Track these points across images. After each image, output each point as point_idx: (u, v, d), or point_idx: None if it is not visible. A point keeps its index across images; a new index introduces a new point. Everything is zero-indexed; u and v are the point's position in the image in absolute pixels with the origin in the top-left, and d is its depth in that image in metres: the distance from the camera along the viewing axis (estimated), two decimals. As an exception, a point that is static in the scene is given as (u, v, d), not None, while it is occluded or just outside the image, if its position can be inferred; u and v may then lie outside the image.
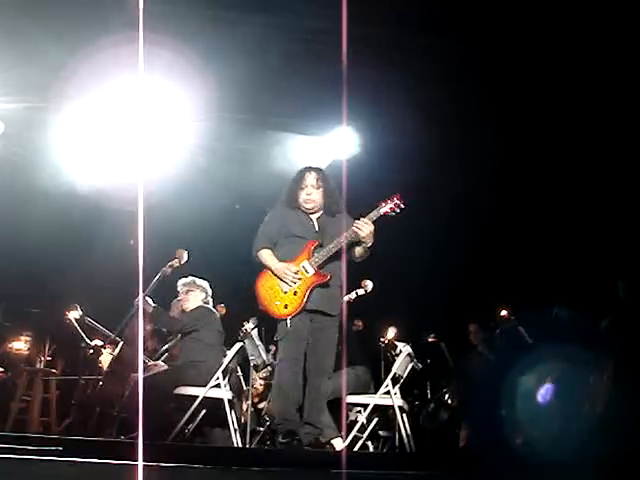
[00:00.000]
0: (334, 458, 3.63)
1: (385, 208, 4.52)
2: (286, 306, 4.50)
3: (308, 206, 4.67)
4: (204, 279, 6.31)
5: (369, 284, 6.34)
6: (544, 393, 5.35)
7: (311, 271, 4.51)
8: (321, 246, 4.58)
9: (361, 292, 6.32)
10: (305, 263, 4.53)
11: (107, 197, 7.00)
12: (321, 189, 4.67)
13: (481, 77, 6.29)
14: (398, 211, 4.54)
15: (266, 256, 4.61)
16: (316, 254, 4.54)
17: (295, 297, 4.50)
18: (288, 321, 4.48)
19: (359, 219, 4.53)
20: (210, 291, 6.27)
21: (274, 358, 5.73)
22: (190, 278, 6.27)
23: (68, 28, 5.65)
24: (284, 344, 4.54)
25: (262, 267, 4.65)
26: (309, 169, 4.76)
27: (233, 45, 5.81)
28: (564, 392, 5.15)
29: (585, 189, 7.08)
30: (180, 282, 6.25)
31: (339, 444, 5.12)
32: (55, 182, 7.22)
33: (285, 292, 4.52)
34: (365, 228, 4.44)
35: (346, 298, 5.94)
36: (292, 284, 4.50)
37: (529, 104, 6.49)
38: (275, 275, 4.55)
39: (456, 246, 7.62)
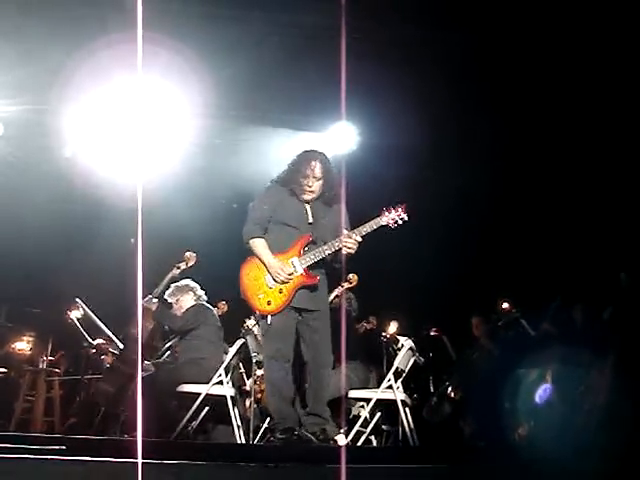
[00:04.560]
0: (337, 453, 3.64)
1: (387, 219, 4.42)
2: (269, 302, 4.37)
3: (307, 197, 4.53)
4: (187, 278, 6.32)
5: (354, 278, 6.28)
6: (545, 386, 5.35)
7: (300, 270, 4.39)
8: (314, 243, 4.45)
9: (346, 285, 6.26)
10: (295, 260, 4.40)
11: (106, 196, 7.00)
12: (322, 180, 4.51)
13: (482, 74, 6.28)
14: (401, 223, 4.43)
15: (260, 247, 4.44)
16: (308, 253, 4.41)
17: (280, 295, 4.37)
18: (269, 318, 4.37)
19: (351, 222, 4.49)
20: (197, 286, 6.26)
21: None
22: (172, 286, 6.26)
23: (66, 29, 5.65)
24: (268, 341, 4.44)
25: (250, 254, 4.49)
26: (315, 156, 4.55)
27: (231, 42, 5.81)
28: (566, 384, 5.15)
29: (586, 181, 7.07)
30: (166, 295, 6.24)
31: (342, 440, 5.11)
32: (54, 183, 7.23)
33: (270, 287, 4.38)
34: (353, 247, 4.35)
35: (334, 293, 5.94)
36: (282, 284, 4.37)
37: (531, 99, 6.49)
38: (265, 268, 4.41)
39: (457, 240, 7.62)
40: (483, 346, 7.23)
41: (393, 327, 7.46)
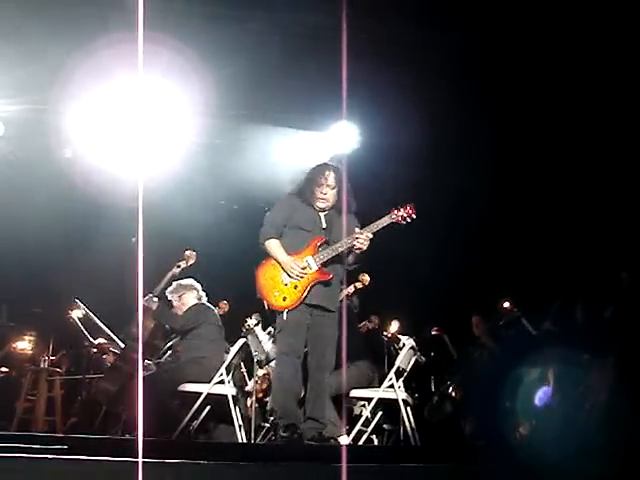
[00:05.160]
0: (339, 452, 3.64)
1: (397, 216, 4.56)
2: (285, 298, 4.50)
3: (321, 205, 4.67)
4: (190, 277, 6.35)
5: (366, 277, 6.32)
6: (546, 385, 5.35)
7: (314, 267, 4.51)
8: (327, 243, 4.58)
9: (359, 286, 6.29)
10: (309, 258, 4.53)
11: (107, 196, 7.00)
12: (336, 189, 4.65)
13: (482, 73, 6.28)
14: (409, 221, 4.58)
15: (274, 247, 4.59)
16: (321, 251, 4.54)
17: (295, 291, 4.50)
18: (285, 314, 4.49)
19: (361, 228, 4.55)
20: (200, 287, 6.30)
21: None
22: (175, 283, 6.29)
23: (67, 28, 5.65)
24: (282, 337, 4.55)
25: (265, 256, 4.63)
26: (329, 167, 4.71)
27: (233, 41, 5.81)
28: (567, 384, 5.15)
29: (587, 180, 7.07)
30: (167, 292, 6.27)
31: (344, 442, 5.11)
32: (55, 182, 7.23)
33: (286, 284, 4.52)
34: (365, 243, 4.47)
35: (345, 292, 5.94)
36: (297, 279, 4.50)
37: (531, 98, 6.48)
38: (280, 266, 4.55)
39: (458, 239, 7.61)
40: (484, 345, 7.22)
41: (394, 326, 7.46)
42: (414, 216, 4.58)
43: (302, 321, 4.53)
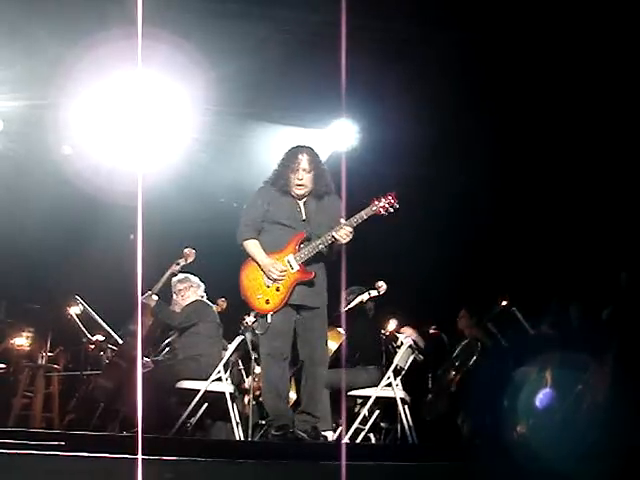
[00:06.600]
0: (336, 450, 3.64)
1: (377, 207, 4.41)
2: (267, 301, 4.40)
3: (299, 192, 4.51)
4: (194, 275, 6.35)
5: (383, 286, 6.10)
6: (544, 385, 5.35)
7: (296, 267, 4.40)
8: (308, 239, 4.46)
9: (374, 293, 6.15)
10: (290, 258, 4.41)
11: (106, 192, 6.99)
12: (312, 172, 4.49)
13: (482, 70, 6.28)
14: (392, 211, 4.42)
15: (253, 247, 4.48)
16: (302, 249, 4.42)
17: (277, 293, 4.40)
18: (269, 317, 4.40)
19: (346, 212, 4.48)
20: (202, 284, 6.30)
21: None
22: (184, 275, 6.28)
23: (66, 24, 5.65)
24: (267, 339, 4.45)
25: (247, 256, 4.53)
26: (301, 150, 4.56)
27: (232, 38, 5.80)
28: (564, 384, 5.15)
29: (586, 180, 7.07)
30: (175, 279, 6.26)
31: (330, 437, 5.08)
32: (54, 179, 7.22)
33: (268, 286, 4.41)
34: (345, 237, 4.34)
35: (359, 299, 5.91)
36: (277, 281, 4.40)
37: (530, 97, 6.49)
38: (260, 268, 4.44)
39: (457, 238, 7.61)
40: (474, 339, 7.17)
41: (392, 324, 7.43)
42: (397, 205, 4.41)
43: (287, 322, 4.45)
